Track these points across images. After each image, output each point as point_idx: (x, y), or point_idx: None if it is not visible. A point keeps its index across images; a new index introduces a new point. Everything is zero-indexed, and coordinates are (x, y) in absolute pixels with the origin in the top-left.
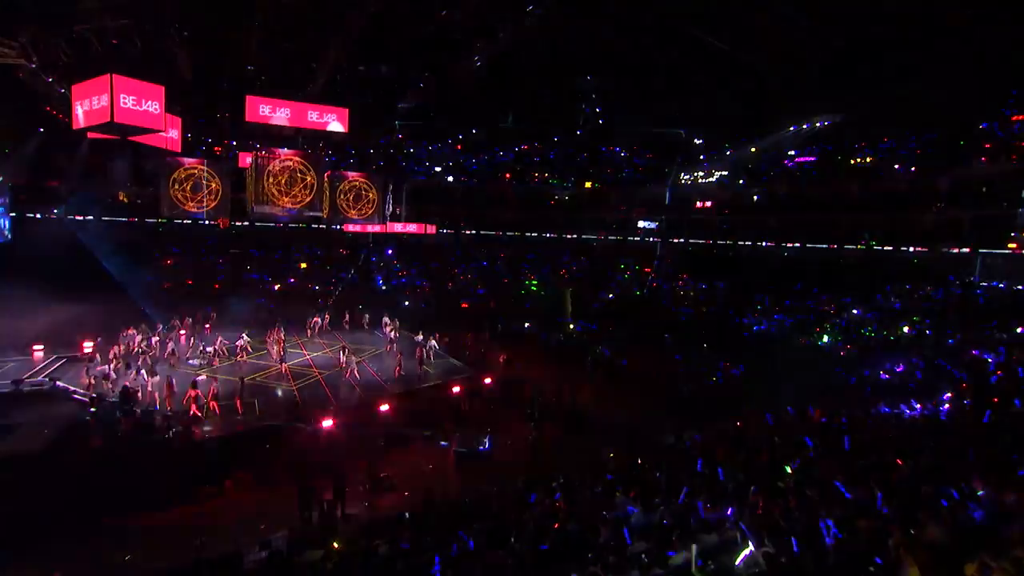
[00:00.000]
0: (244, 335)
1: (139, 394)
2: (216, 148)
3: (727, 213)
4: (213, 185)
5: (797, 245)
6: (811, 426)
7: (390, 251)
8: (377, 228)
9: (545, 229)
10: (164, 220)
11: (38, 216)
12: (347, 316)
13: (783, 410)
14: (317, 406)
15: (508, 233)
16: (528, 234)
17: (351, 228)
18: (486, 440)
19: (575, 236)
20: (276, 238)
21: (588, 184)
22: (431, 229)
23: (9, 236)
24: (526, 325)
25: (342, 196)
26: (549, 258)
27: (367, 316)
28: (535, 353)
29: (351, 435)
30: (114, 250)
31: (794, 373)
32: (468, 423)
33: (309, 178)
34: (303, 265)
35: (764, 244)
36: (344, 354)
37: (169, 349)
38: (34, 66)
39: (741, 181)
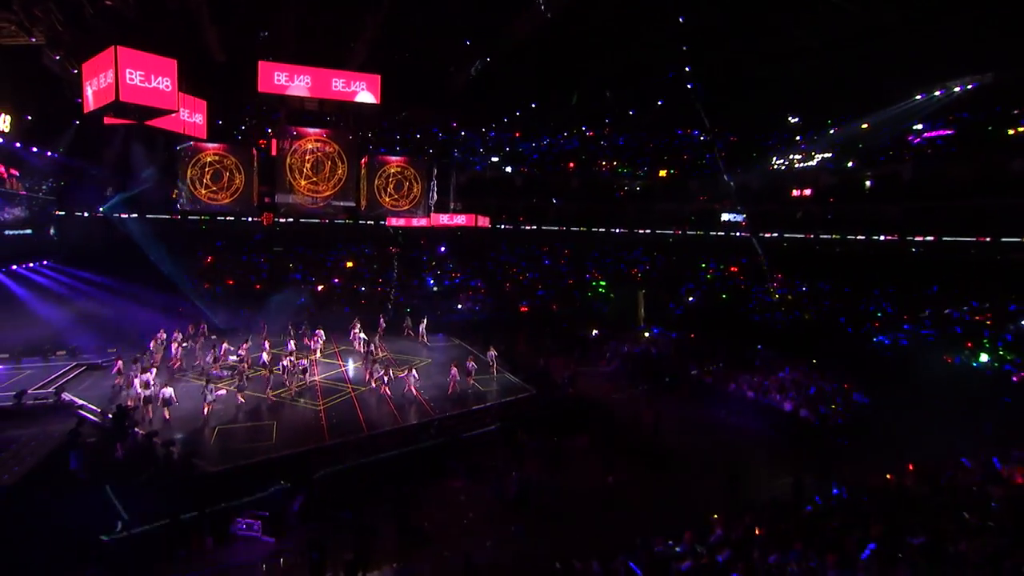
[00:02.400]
0: (266, 344)
1: (148, 410)
2: (238, 131)
3: (832, 202)
4: (236, 175)
5: (930, 239)
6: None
7: (443, 248)
8: (422, 222)
9: (614, 223)
10: (207, 217)
11: (84, 214)
12: (382, 321)
13: (953, 459)
14: (344, 430)
15: (572, 228)
16: (595, 229)
17: (394, 222)
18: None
19: (648, 231)
20: (321, 235)
21: (663, 172)
22: (483, 221)
23: (55, 234)
24: (593, 332)
25: (381, 185)
26: (618, 256)
27: (409, 321)
28: (605, 366)
29: (377, 470)
30: (156, 249)
31: (944, 402)
32: (525, 455)
33: (339, 163)
34: (349, 264)
35: (882, 238)
36: (373, 365)
37: (175, 356)
38: (34, 41)
39: (850, 164)
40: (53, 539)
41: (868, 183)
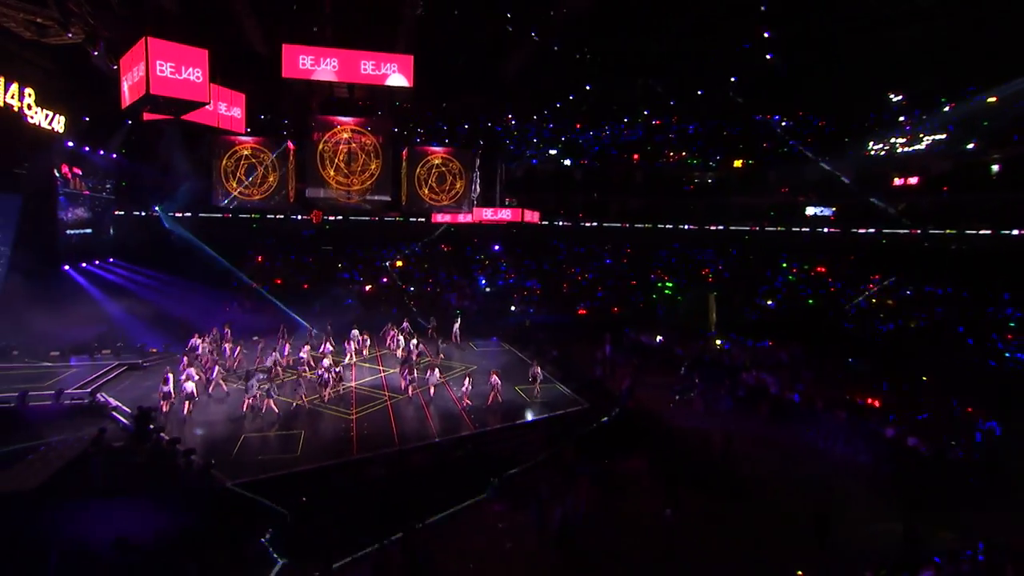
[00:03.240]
0: (307, 346)
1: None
2: (275, 124)
3: (946, 191)
4: (271, 170)
5: None
6: None
7: (497, 247)
8: (466, 218)
9: (682, 219)
10: (257, 216)
11: (141, 213)
12: (433, 324)
13: None
14: (374, 443)
15: (636, 224)
16: (660, 225)
17: (440, 218)
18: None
19: (720, 227)
20: (371, 233)
21: (737, 162)
22: (531, 216)
23: (113, 233)
24: (658, 338)
25: (422, 177)
26: (687, 254)
27: (435, 321)
28: (668, 377)
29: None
30: (209, 247)
31: None
32: (572, 478)
33: (374, 155)
34: (399, 263)
35: (1015, 233)
36: (408, 370)
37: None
38: (71, 36)
39: (970, 146)
40: (59, 550)
41: (995, 168)
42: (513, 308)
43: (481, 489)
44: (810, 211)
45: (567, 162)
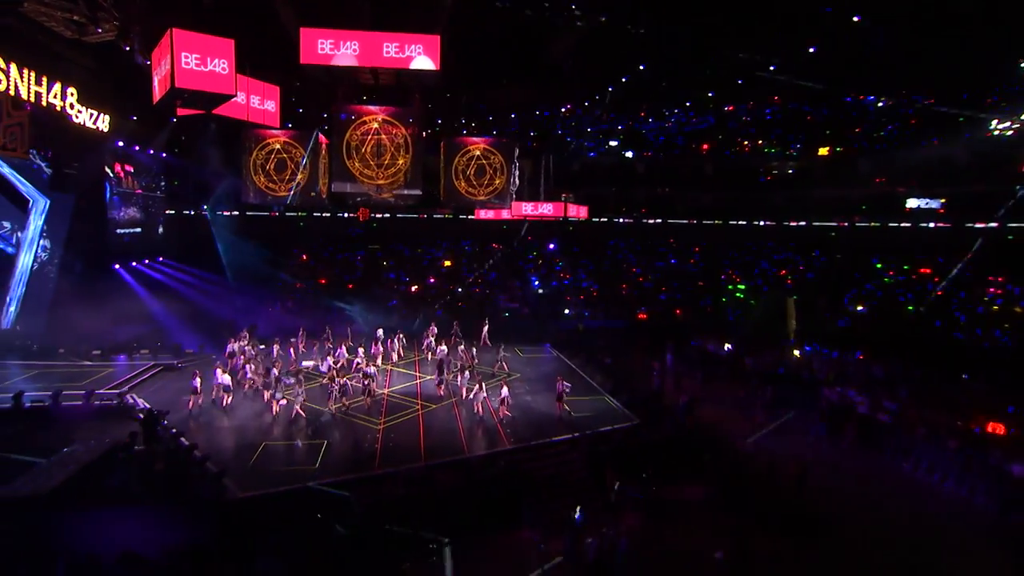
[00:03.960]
0: (344, 349)
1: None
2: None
3: None
4: (301, 163)
5: None
6: None
7: (553, 245)
8: (507, 213)
9: (757, 214)
10: (304, 214)
11: (190, 212)
12: (487, 328)
13: None
14: (398, 458)
15: (705, 221)
16: (733, 222)
17: (484, 215)
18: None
19: (802, 223)
20: (420, 231)
21: (823, 150)
22: (578, 211)
23: (162, 232)
24: (726, 347)
25: (460, 169)
26: (763, 254)
27: (457, 328)
28: (738, 392)
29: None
30: (256, 246)
31: None
32: (615, 505)
33: (404, 145)
34: (447, 263)
35: None
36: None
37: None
38: (100, 32)
39: None
40: (66, 560)
41: None
42: (567, 312)
43: (512, 513)
44: (912, 203)
45: (628, 154)
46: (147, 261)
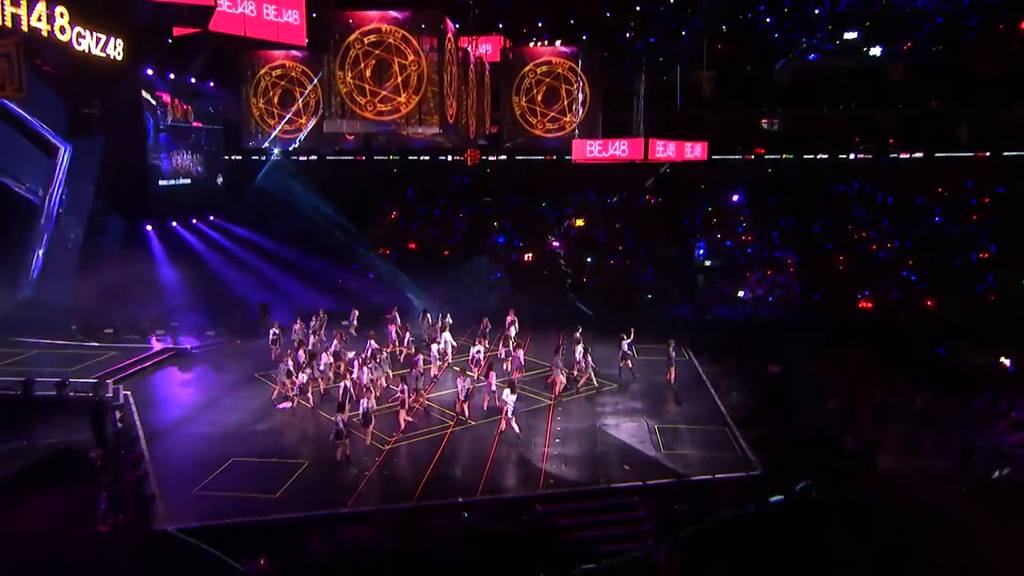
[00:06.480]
0: (372, 341)
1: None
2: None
3: None
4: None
5: None
6: None
7: (737, 196)
8: (597, 150)
9: None
10: (396, 158)
11: (257, 158)
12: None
13: None
14: (383, 494)
15: (1004, 153)
16: None
17: (587, 153)
18: None
19: None
20: (547, 180)
21: None
22: (689, 150)
23: (221, 184)
24: (1004, 363)
25: (525, 94)
26: None
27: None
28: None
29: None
30: (335, 201)
31: None
32: None
33: (418, 61)
34: (579, 222)
35: None
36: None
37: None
38: None
39: None
40: None
41: None
42: (742, 294)
43: None
44: None
45: (874, 51)
46: (195, 220)
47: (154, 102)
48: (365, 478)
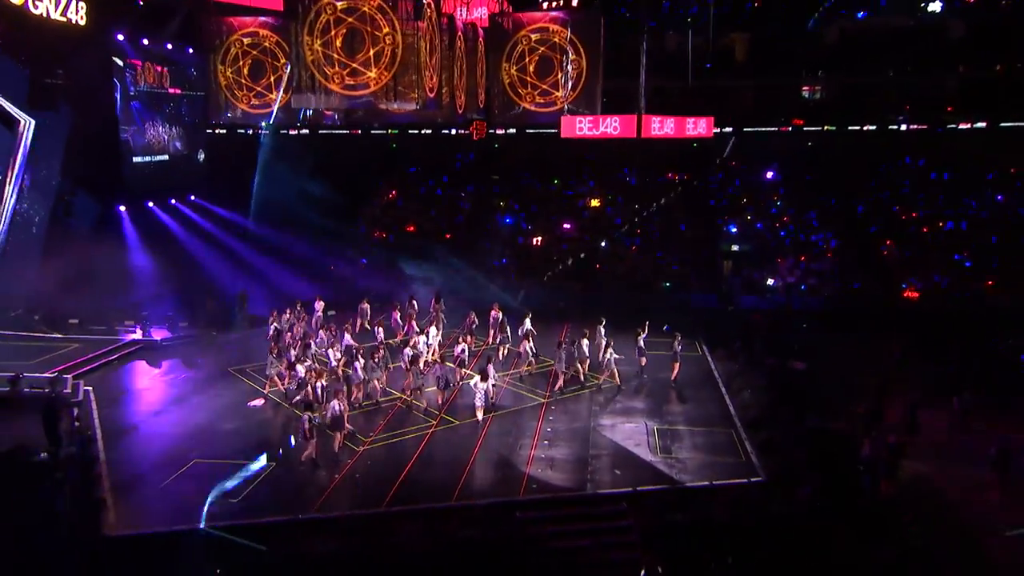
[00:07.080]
0: (381, 331)
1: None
2: None
3: None
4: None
5: None
6: None
7: (771, 173)
8: (588, 127)
9: None
10: (395, 132)
11: (245, 132)
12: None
13: None
14: (360, 498)
15: None
16: None
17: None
18: None
19: None
20: (559, 156)
21: None
22: (692, 125)
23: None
24: None
25: (516, 63)
26: None
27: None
28: None
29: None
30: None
31: None
32: None
33: (390, 26)
34: (594, 202)
35: None
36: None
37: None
38: None
39: None
40: None
41: None
42: (771, 282)
43: None
44: None
45: (934, 6)
46: (173, 201)
47: (122, 63)
48: (334, 481)
